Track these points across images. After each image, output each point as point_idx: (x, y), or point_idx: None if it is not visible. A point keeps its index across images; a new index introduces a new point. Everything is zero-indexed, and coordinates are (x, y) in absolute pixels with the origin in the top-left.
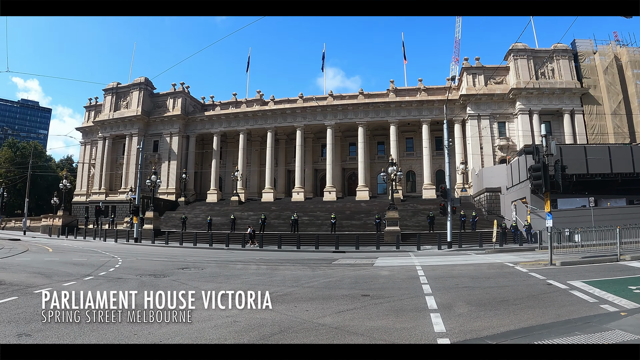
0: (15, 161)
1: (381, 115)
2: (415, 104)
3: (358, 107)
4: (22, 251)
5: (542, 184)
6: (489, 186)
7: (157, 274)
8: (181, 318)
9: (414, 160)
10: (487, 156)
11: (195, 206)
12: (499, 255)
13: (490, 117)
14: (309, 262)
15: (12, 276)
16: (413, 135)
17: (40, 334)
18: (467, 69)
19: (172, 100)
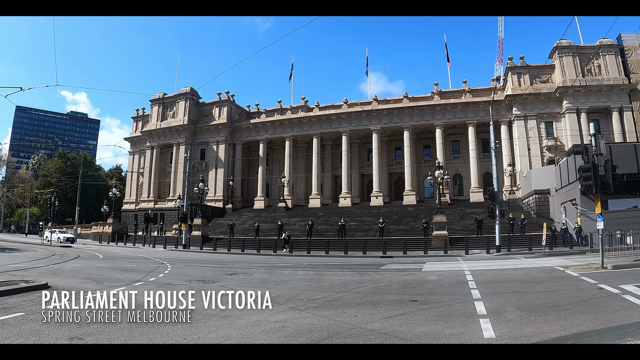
0: (65, 171)
1: (426, 119)
2: (461, 106)
3: (403, 111)
4: (74, 257)
5: (592, 184)
6: (537, 188)
7: (206, 280)
8: (230, 323)
9: (460, 163)
10: (535, 157)
11: (243, 213)
12: (549, 259)
13: (537, 117)
14: (356, 267)
15: (64, 281)
16: (459, 137)
17: (91, 337)
18: (511, 69)
19: (218, 109)
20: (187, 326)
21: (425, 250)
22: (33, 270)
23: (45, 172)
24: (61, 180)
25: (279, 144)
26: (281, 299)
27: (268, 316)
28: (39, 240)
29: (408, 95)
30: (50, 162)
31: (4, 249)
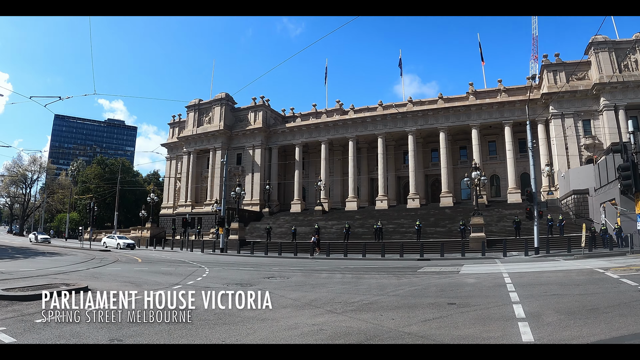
0: (104, 177)
1: (462, 119)
2: (496, 105)
3: (438, 112)
4: (112, 261)
5: (632, 183)
6: (576, 188)
7: (244, 283)
8: (268, 326)
9: (497, 164)
10: (572, 156)
11: (279, 216)
12: (589, 260)
13: (574, 115)
14: (393, 270)
15: (103, 285)
16: (495, 138)
17: (131, 339)
18: (546, 66)
19: (253, 113)
20: (225, 328)
21: (463, 252)
22: (73, 274)
23: (84, 178)
24: (100, 186)
25: (314, 148)
26: (319, 302)
27: (306, 319)
28: (78, 245)
29: (443, 96)
30: (89, 168)
31: (44, 253)
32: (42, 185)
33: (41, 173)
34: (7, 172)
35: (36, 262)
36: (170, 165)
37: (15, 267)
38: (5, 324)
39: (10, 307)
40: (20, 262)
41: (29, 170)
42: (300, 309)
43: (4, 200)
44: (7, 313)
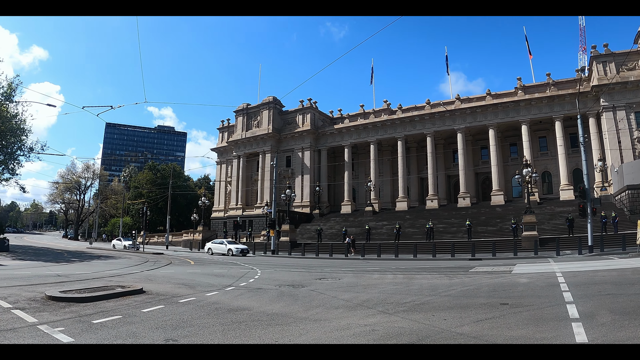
0: (156, 182)
1: (511, 115)
2: (545, 100)
3: (486, 108)
4: (166, 264)
5: None
6: (630, 183)
7: (296, 285)
8: (321, 326)
9: (548, 160)
10: (626, 150)
11: (330, 218)
12: None
13: (626, 107)
14: (445, 270)
15: (158, 287)
16: (546, 133)
17: (185, 339)
18: (595, 58)
19: (301, 116)
20: (278, 329)
21: (515, 251)
22: (128, 276)
23: (137, 184)
24: (152, 191)
25: (363, 148)
26: (370, 302)
27: (358, 319)
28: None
29: (491, 92)
30: (140, 174)
31: (99, 257)
32: (95, 191)
33: (94, 180)
34: (62, 179)
35: (91, 265)
36: (220, 169)
37: (71, 270)
38: (64, 325)
39: (68, 309)
40: (76, 266)
41: (82, 177)
42: (352, 309)
43: (59, 207)
44: (65, 314)
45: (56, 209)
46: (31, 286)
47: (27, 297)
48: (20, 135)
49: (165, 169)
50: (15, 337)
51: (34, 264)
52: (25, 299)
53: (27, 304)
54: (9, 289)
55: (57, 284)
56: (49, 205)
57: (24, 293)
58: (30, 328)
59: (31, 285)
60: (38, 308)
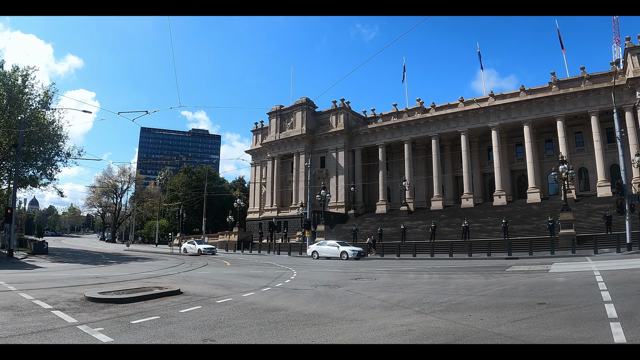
0: (191, 185)
1: (545, 111)
2: (580, 94)
3: (520, 104)
4: (202, 265)
5: None
6: None
7: (332, 285)
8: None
9: (585, 156)
10: None
11: (365, 218)
12: None
13: None
14: (481, 269)
15: (195, 288)
16: (582, 129)
17: (223, 339)
18: (630, 49)
19: (334, 116)
20: (315, 329)
21: (552, 250)
22: (165, 278)
23: (172, 187)
24: (187, 193)
25: (397, 148)
26: (406, 302)
27: (394, 319)
28: (168, 250)
29: (525, 88)
30: (176, 177)
31: (136, 259)
32: (132, 195)
33: (130, 183)
34: (99, 183)
35: (129, 267)
36: (254, 171)
37: (109, 272)
38: (103, 325)
39: (107, 309)
40: (114, 268)
41: (119, 181)
42: (388, 309)
43: (96, 210)
44: (104, 315)
45: (93, 212)
46: (70, 287)
47: (67, 298)
48: (57, 142)
49: (200, 171)
50: (56, 337)
51: (72, 266)
52: (65, 300)
53: (66, 305)
54: (49, 291)
55: (96, 286)
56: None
57: (63, 294)
58: (70, 328)
59: (70, 287)
60: (77, 309)
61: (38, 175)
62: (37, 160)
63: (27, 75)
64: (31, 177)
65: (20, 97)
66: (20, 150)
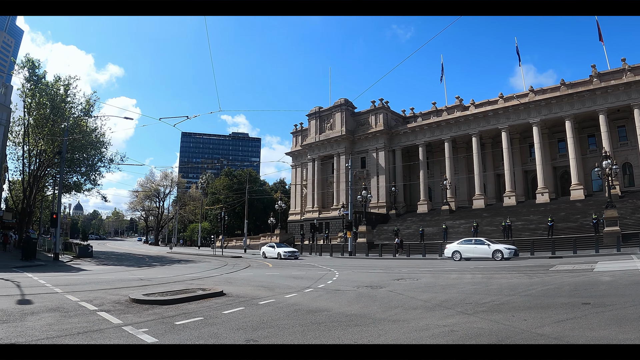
0: (232, 188)
1: (587, 105)
2: (622, 87)
3: (561, 99)
4: (245, 267)
5: None
6: None
7: (374, 286)
8: (399, 327)
9: (629, 150)
10: None
11: (406, 218)
12: None
13: None
14: (524, 269)
15: (237, 289)
16: (625, 122)
17: (266, 340)
18: None
19: (374, 116)
20: (357, 330)
21: (597, 248)
22: (208, 279)
23: (214, 190)
24: (229, 196)
25: (437, 147)
26: (449, 303)
27: (436, 320)
28: (211, 252)
29: (565, 82)
30: (217, 180)
31: (179, 261)
32: (174, 198)
33: (173, 187)
34: (142, 188)
35: (172, 269)
36: (295, 172)
37: (153, 274)
38: (147, 326)
39: (151, 311)
40: (157, 270)
41: (161, 185)
42: (430, 310)
43: (139, 214)
44: (148, 316)
45: (136, 216)
46: (115, 289)
47: (112, 300)
48: (100, 148)
49: (241, 174)
50: (102, 338)
51: (117, 269)
52: (110, 301)
53: (111, 306)
54: (94, 293)
55: (140, 287)
56: (129, 212)
57: (108, 296)
58: (115, 329)
59: (115, 289)
60: (122, 310)
61: (82, 181)
62: (81, 166)
63: (69, 84)
64: (75, 183)
65: (63, 106)
66: (64, 157)
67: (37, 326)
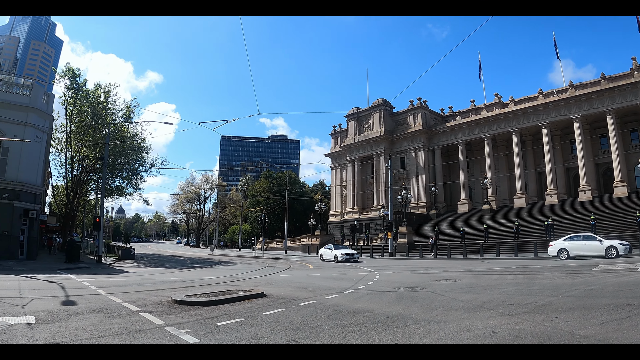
0: (272, 190)
1: (629, 99)
2: None
3: (602, 93)
4: (285, 268)
5: None
6: None
7: (415, 287)
8: (440, 328)
9: None
10: None
11: (447, 218)
12: None
13: None
14: (567, 269)
15: (278, 290)
16: None
17: (306, 341)
18: None
19: (412, 116)
20: (398, 331)
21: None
22: (249, 281)
23: (254, 192)
24: (269, 198)
25: (477, 145)
26: (491, 304)
27: (478, 321)
28: (251, 254)
29: (605, 76)
30: (257, 182)
31: (220, 263)
32: (214, 201)
33: (213, 190)
34: (182, 191)
35: (213, 271)
36: (335, 174)
37: (194, 275)
38: (189, 327)
39: (193, 312)
40: (199, 271)
41: (201, 188)
42: (471, 311)
43: (180, 217)
44: (190, 317)
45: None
46: (157, 291)
47: (154, 301)
48: (141, 153)
49: (280, 176)
50: (144, 338)
51: (158, 271)
52: (152, 302)
53: (154, 307)
54: (137, 294)
55: (182, 289)
56: (170, 215)
57: (150, 297)
58: (157, 329)
59: (157, 290)
60: (164, 311)
61: (124, 185)
62: (123, 171)
63: (109, 91)
64: (117, 188)
65: (104, 113)
66: (106, 162)
67: (81, 326)
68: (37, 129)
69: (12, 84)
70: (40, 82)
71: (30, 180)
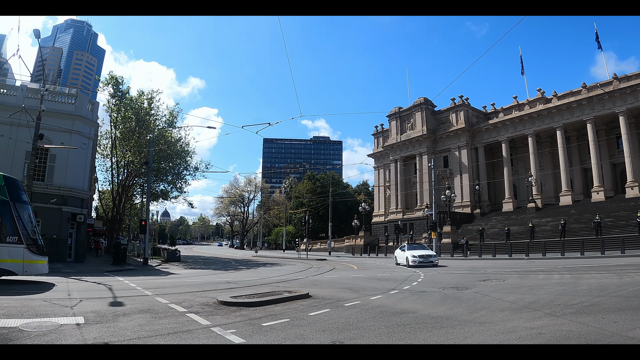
0: (315, 191)
1: None
2: None
3: None
4: (329, 269)
5: None
6: None
7: (459, 287)
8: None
9: None
10: None
11: (491, 216)
12: None
13: None
14: (615, 268)
15: (323, 291)
16: None
17: (351, 342)
18: None
19: (454, 114)
20: (442, 332)
21: None
22: (294, 282)
23: (297, 194)
24: (312, 199)
25: (521, 142)
26: (537, 304)
27: (524, 322)
28: (295, 255)
29: None
30: (300, 184)
31: (265, 264)
32: (258, 203)
33: (257, 192)
34: (226, 194)
35: (258, 272)
36: (378, 174)
37: (239, 277)
38: (235, 327)
39: (238, 312)
40: (244, 273)
41: (245, 191)
42: (517, 312)
43: (225, 219)
44: (236, 318)
45: (222, 221)
46: (203, 292)
47: (200, 302)
48: (185, 157)
49: (324, 177)
50: (191, 338)
51: (204, 272)
52: (199, 304)
53: (200, 308)
54: (183, 295)
55: (227, 290)
56: (215, 218)
57: (197, 298)
58: (204, 330)
59: (203, 292)
60: (210, 312)
61: (169, 189)
62: (167, 175)
63: (152, 98)
64: (162, 191)
65: (148, 119)
66: (150, 167)
67: (128, 327)
68: (82, 136)
69: (58, 93)
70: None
71: (77, 186)
